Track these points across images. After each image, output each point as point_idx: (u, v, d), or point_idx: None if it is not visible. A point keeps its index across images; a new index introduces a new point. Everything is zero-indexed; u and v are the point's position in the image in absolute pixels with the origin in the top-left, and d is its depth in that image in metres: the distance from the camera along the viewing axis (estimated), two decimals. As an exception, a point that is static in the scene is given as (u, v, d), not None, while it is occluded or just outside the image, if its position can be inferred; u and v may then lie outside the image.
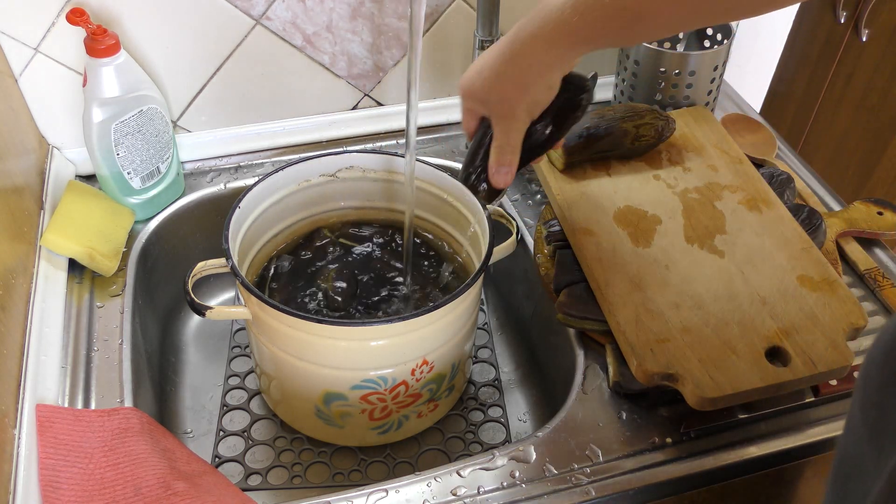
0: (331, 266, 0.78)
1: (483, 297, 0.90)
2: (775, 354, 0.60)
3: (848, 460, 0.41)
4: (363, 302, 0.75)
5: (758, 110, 1.02)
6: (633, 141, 0.76)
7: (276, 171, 0.74)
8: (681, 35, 0.91)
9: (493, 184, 0.63)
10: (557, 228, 0.73)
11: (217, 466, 0.73)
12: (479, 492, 0.58)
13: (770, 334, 0.61)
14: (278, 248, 0.79)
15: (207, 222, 0.84)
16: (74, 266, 0.74)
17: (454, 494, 0.58)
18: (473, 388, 0.80)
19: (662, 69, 0.84)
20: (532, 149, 0.62)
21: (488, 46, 0.81)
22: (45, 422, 0.59)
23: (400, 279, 0.76)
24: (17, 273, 0.66)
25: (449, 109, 0.94)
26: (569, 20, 0.50)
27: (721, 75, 0.87)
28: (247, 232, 0.72)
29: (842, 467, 0.41)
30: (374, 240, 0.81)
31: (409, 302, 0.75)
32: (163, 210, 0.81)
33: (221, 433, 0.76)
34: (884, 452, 0.36)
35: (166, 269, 0.82)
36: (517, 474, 0.59)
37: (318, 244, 0.80)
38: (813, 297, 0.64)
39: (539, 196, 0.84)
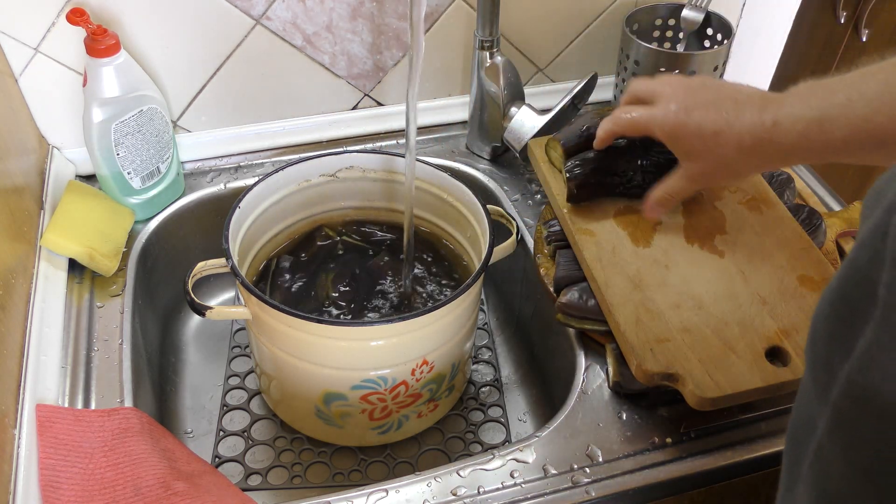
0: (331, 266, 0.78)
1: (483, 297, 0.90)
2: (775, 354, 0.60)
3: (800, 423, 0.40)
4: (363, 302, 0.75)
5: (758, 110, 1.02)
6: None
7: (276, 171, 0.74)
8: (681, 34, 0.91)
9: (646, 213, 0.66)
10: (557, 228, 0.73)
11: (217, 466, 0.73)
12: (479, 492, 0.58)
13: (770, 334, 0.61)
14: (278, 248, 0.79)
15: (207, 222, 0.84)
16: (74, 266, 0.74)
17: (454, 494, 0.58)
18: (473, 388, 0.80)
19: (662, 69, 0.84)
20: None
21: (488, 46, 0.81)
22: (45, 422, 0.59)
23: (400, 279, 0.76)
24: (17, 273, 0.66)
25: (449, 109, 0.94)
26: (813, 137, 0.50)
27: (721, 75, 0.87)
28: (247, 232, 0.72)
29: (795, 432, 0.41)
30: (374, 240, 0.81)
31: (410, 302, 0.75)
32: (163, 210, 0.81)
33: (221, 433, 0.76)
34: (829, 401, 0.36)
35: (166, 269, 0.82)
36: (517, 474, 0.59)
37: (318, 244, 0.80)
38: (813, 297, 0.64)
39: (539, 196, 0.84)
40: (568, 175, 0.70)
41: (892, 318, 0.31)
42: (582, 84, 0.81)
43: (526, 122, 0.82)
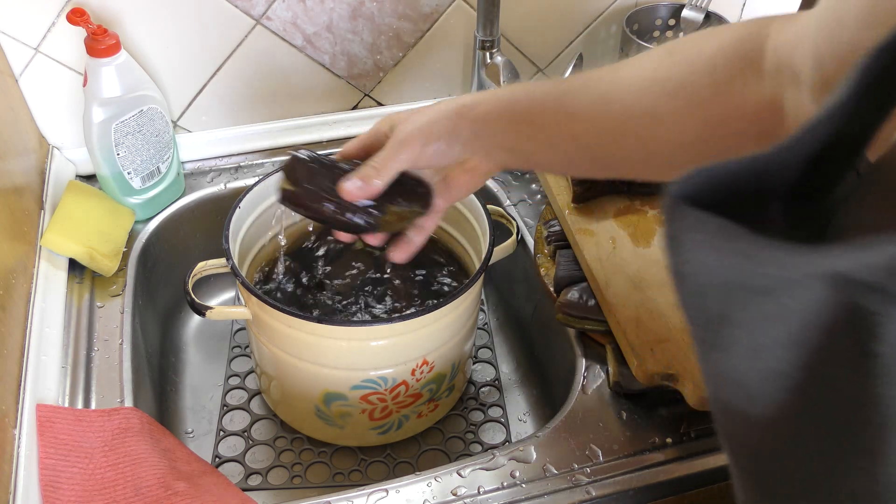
0: (331, 266, 0.78)
1: (483, 297, 0.90)
2: (775, 354, 0.60)
3: None
4: (363, 301, 0.75)
5: (758, 110, 1.02)
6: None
7: (277, 171, 0.73)
8: (681, 35, 0.91)
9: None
10: (557, 228, 0.73)
11: (217, 466, 0.73)
12: (479, 492, 0.58)
13: (770, 334, 0.61)
14: (279, 248, 0.79)
15: (207, 222, 0.84)
16: (74, 266, 0.74)
17: (454, 494, 0.58)
18: (473, 388, 0.80)
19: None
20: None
21: (488, 46, 0.81)
22: (46, 422, 0.59)
23: (400, 279, 0.76)
24: (18, 273, 0.66)
25: (449, 109, 0.94)
26: (501, 114, 0.52)
27: (721, 75, 0.87)
28: (247, 232, 0.72)
29: None
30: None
31: (410, 302, 0.75)
32: (163, 210, 0.81)
33: (221, 433, 0.75)
34: None
35: (166, 269, 0.82)
36: (517, 474, 0.59)
37: (317, 244, 0.79)
38: (813, 297, 0.64)
39: (539, 196, 0.84)
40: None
41: None
42: (570, 69, 0.82)
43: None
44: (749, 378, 0.23)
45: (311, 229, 0.81)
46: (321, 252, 0.79)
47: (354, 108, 0.92)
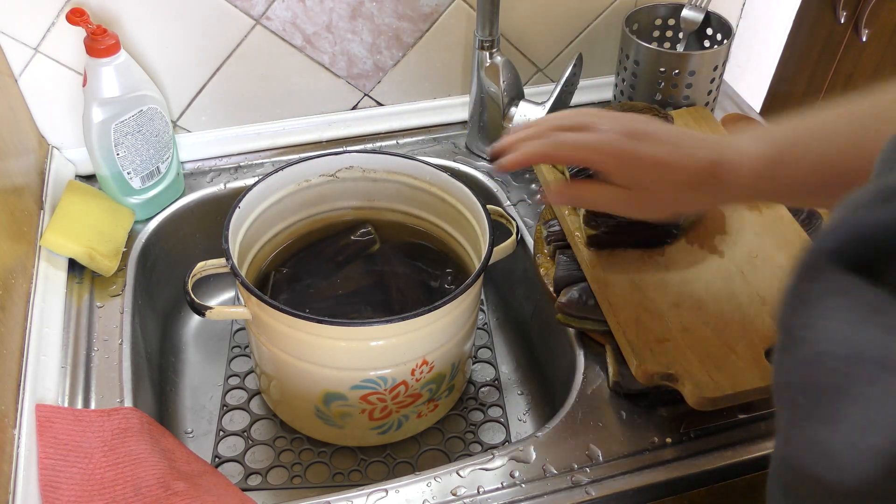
0: (330, 265, 0.78)
1: (483, 297, 0.90)
2: (775, 354, 0.60)
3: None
4: (363, 301, 0.75)
5: (758, 110, 1.02)
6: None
7: (276, 171, 0.73)
8: (680, 34, 0.91)
9: (551, 197, 0.64)
10: (557, 228, 0.73)
11: (217, 466, 0.73)
12: (478, 492, 0.58)
13: (770, 334, 0.61)
14: (278, 248, 0.79)
15: (207, 222, 0.84)
16: (74, 266, 0.74)
17: (454, 494, 0.58)
18: (473, 388, 0.80)
19: (662, 69, 0.84)
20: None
21: (488, 46, 0.81)
22: (45, 422, 0.59)
23: (400, 279, 0.76)
24: (17, 273, 0.66)
25: (449, 109, 0.94)
26: (771, 175, 0.48)
27: (721, 75, 0.87)
28: (247, 232, 0.72)
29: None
30: (374, 240, 0.81)
31: (409, 302, 0.75)
32: (163, 210, 0.81)
33: (221, 433, 0.75)
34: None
35: (166, 269, 0.82)
36: (517, 474, 0.59)
37: (317, 244, 0.80)
38: (813, 297, 0.64)
39: (539, 196, 0.84)
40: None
41: None
42: (570, 67, 0.82)
43: (529, 115, 0.83)
44: (844, 452, 0.22)
45: (311, 229, 0.81)
46: (321, 252, 0.79)
47: (354, 108, 0.92)
